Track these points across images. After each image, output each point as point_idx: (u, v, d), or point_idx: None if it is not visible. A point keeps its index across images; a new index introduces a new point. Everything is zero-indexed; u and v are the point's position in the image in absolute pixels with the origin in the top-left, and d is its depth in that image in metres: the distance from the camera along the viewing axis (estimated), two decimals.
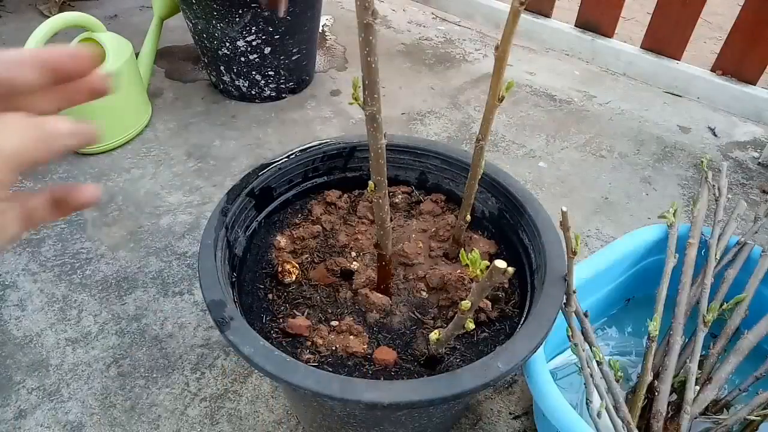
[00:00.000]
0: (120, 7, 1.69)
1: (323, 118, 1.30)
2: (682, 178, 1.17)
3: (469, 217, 0.64)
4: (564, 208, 0.50)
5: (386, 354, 0.58)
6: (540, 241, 0.63)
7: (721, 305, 0.73)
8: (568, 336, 0.62)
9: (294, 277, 0.65)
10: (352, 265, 0.67)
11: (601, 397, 0.61)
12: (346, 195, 0.76)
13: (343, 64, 1.49)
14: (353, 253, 0.69)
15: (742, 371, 0.69)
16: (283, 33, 1.22)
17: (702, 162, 0.85)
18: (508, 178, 0.70)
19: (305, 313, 0.63)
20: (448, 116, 1.31)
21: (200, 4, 1.16)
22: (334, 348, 0.59)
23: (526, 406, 0.78)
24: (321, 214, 0.73)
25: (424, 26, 1.68)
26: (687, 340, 0.71)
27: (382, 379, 0.57)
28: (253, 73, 1.28)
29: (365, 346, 0.59)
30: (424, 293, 0.65)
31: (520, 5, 0.43)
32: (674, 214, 0.78)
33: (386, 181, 0.55)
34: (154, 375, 0.81)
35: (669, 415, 0.66)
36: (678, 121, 1.33)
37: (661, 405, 0.65)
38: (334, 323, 0.61)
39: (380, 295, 0.63)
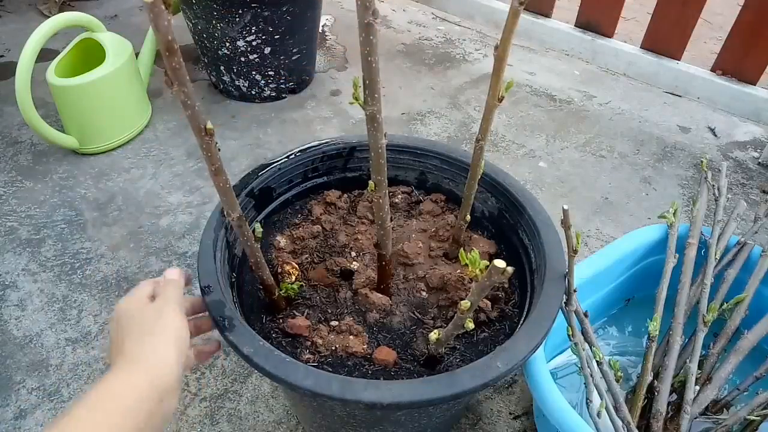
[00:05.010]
0: (120, 7, 1.69)
1: (323, 118, 1.30)
2: (682, 178, 1.17)
3: (468, 217, 0.64)
4: (565, 207, 0.50)
5: (386, 354, 0.58)
6: (540, 241, 0.63)
7: (721, 305, 0.73)
8: (569, 335, 0.62)
9: (294, 278, 0.65)
10: (351, 265, 0.67)
11: (601, 397, 0.61)
12: (345, 195, 0.76)
13: (343, 64, 1.49)
14: (353, 253, 0.69)
15: (742, 371, 0.69)
16: (283, 33, 1.22)
17: (702, 162, 0.85)
18: (508, 178, 0.70)
19: (305, 313, 0.63)
20: (448, 116, 1.31)
21: (200, 4, 1.16)
22: (333, 348, 0.59)
23: (526, 406, 0.78)
24: (321, 214, 0.73)
25: (424, 26, 1.68)
26: (687, 340, 0.72)
27: (381, 379, 0.57)
28: (253, 73, 1.28)
29: (365, 346, 0.59)
30: (423, 293, 0.65)
31: (519, 5, 0.43)
32: (674, 214, 0.78)
33: (386, 180, 0.55)
34: None
35: (669, 415, 0.66)
36: (678, 121, 1.33)
37: (661, 405, 0.65)
38: (334, 323, 0.61)
39: (380, 295, 0.63)
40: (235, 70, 1.27)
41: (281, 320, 0.62)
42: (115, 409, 0.39)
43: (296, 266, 0.66)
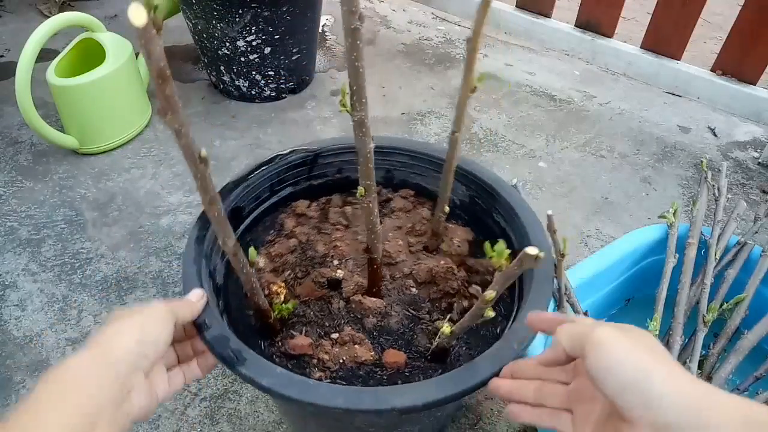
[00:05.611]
0: (120, 7, 1.69)
1: (323, 118, 1.30)
2: (682, 178, 1.17)
3: (447, 208, 0.64)
4: (549, 212, 0.51)
5: (395, 356, 0.58)
6: (520, 222, 0.63)
7: (721, 305, 0.73)
8: None
9: (282, 297, 0.62)
10: (337, 274, 0.66)
11: None
12: (314, 203, 0.73)
13: (343, 64, 1.49)
14: (335, 261, 0.68)
15: (742, 371, 0.69)
16: (283, 33, 1.22)
17: (702, 162, 0.85)
18: (477, 166, 0.70)
19: (303, 331, 0.61)
20: (448, 116, 1.31)
21: (200, 4, 1.16)
22: (341, 360, 0.58)
23: None
24: (294, 227, 0.70)
25: (424, 26, 1.68)
26: (687, 340, 0.71)
27: (399, 382, 0.56)
28: (253, 73, 1.28)
29: (372, 353, 0.59)
30: (413, 289, 0.66)
31: None
32: (674, 214, 0.78)
33: (375, 184, 0.55)
34: None
35: None
36: (678, 121, 1.33)
37: None
38: (335, 336, 0.61)
39: (374, 299, 0.63)
40: (235, 70, 1.27)
41: (280, 343, 0.60)
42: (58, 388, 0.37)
43: (282, 285, 0.63)
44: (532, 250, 0.40)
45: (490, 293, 0.46)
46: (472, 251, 0.69)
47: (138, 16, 0.33)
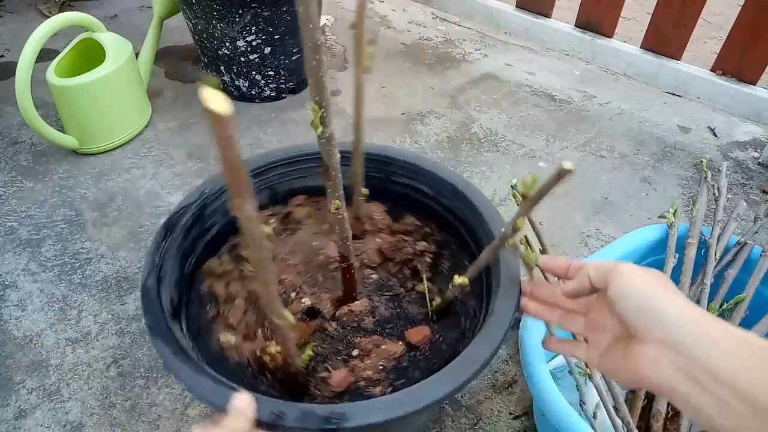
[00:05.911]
0: (120, 7, 1.69)
1: None
2: (682, 178, 1.17)
3: (366, 190, 0.64)
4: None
5: (420, 333, 0.60)
6: (423, 170, 0.66)
7: (721, 305, 0.73)
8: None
9: (280, 356, 0.57)
10: (304, 302, 0.66)
11: (601, 397, 0.61)
12: (223, 257, 0.67)
13: (343, 64, 1.49)
14: (293, 294, 0.66)
15: None
16: (283, 33, 1.22)
17: (702, 162, 0.85)
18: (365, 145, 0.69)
19: (329, 368, 0.60)
20: (448, 116, 1.31)
21: (200, 4, 1.16)
22: (382, 366, 0.58)
23: (526, 406, 0.78)
24: (226, 287, 0.64)
25: (424, 26, 1.68)
26: None
27: (444, 347, 0.59)
28: (253, 73, 1.28)
29: (399, 343, 0.60)
30: (374, 276, 0.67)
31: None
32: (674, 214, 0.78)
33: (343, 193, 0.55)
34: (154, 375, 0.81)
35: (669, 415, 0.66)
36: (678, 121, 1.33)
37: (661, 405, 0.65)
38: (356, 352, 0.61)
39: (358, 302, 0.65)
40: (235, 70, 1.27)
41: (318, 391, 0.57)
42: None
43: (274, 344, 0.59)
44: (568, 165, 0.40)
45: (522, 219, 0.47)
46: (394, 218, 0.70)
47: (218, 102, 0.29)
